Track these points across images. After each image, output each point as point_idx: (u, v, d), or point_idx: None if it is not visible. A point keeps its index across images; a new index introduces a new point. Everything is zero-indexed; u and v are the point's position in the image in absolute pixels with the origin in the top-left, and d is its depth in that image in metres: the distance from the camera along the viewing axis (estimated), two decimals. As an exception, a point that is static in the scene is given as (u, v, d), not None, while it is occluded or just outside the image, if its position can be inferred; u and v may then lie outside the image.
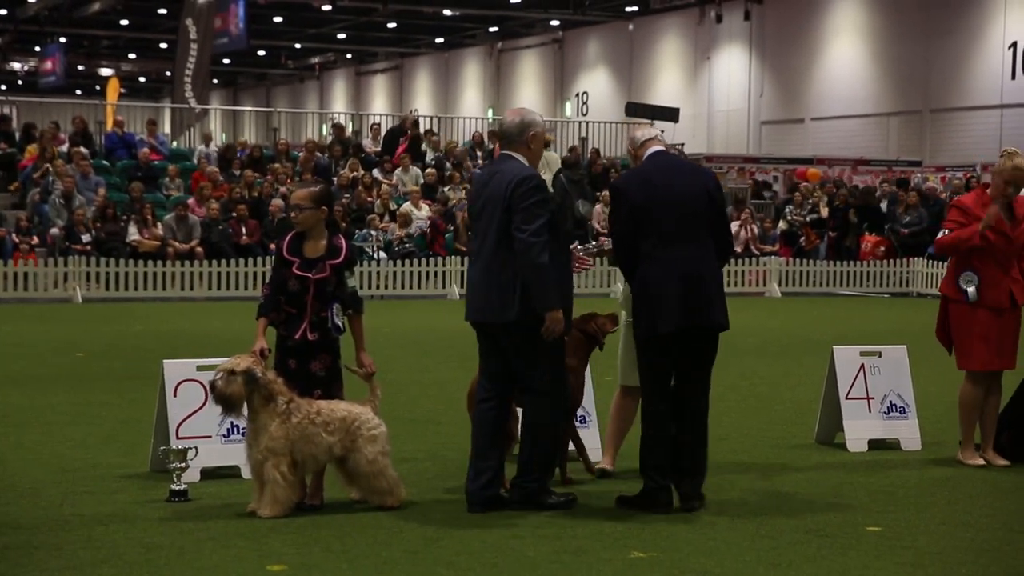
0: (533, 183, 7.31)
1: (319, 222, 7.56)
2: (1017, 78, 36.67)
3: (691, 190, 7.46)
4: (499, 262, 7.32)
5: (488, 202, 7.41)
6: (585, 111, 50.86)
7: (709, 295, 7.37)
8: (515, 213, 7.23)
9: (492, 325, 7.43)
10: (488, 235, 7.39)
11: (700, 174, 7.73)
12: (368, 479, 7.29)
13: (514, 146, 7.58)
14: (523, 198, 7.24)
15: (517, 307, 7.25)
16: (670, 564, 6.32)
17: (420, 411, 10.92)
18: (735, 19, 44.65)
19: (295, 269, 7.46)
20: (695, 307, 7.33)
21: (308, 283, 7.44)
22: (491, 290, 7.35)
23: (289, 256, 7.50)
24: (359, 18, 52.59)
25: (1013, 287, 8.83)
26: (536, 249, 7.16)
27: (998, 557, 6.55)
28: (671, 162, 7.70)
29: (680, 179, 7.52)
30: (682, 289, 7.31)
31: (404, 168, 28.16)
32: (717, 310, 7.40)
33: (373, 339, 12.18)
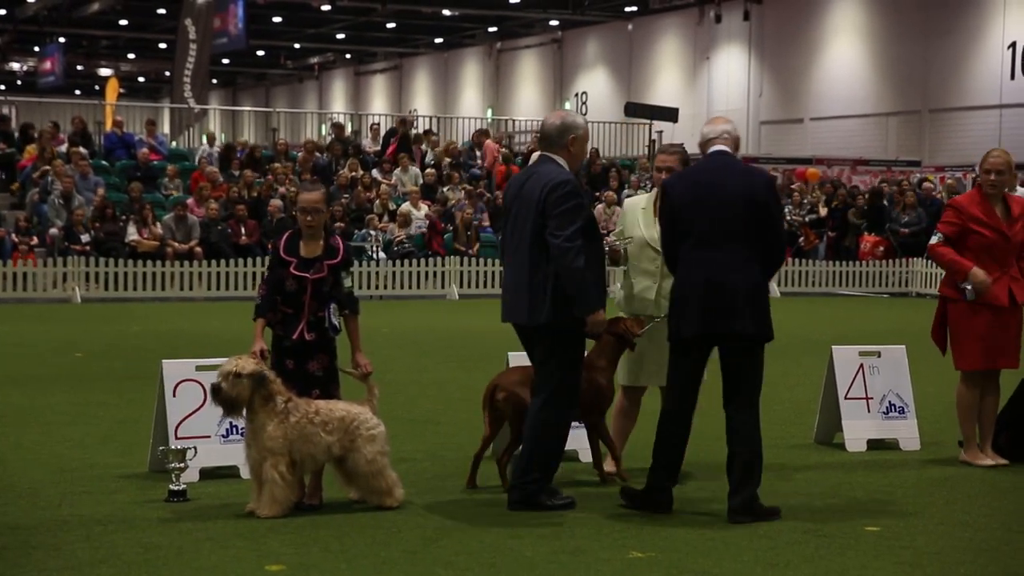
0: (568, 188, 7.30)
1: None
2: (1016, 78, 36.68)
3: (732, 193, 7.26)
4: (531, 264, 7.34)
5: (523, 204, 7.42)
6: (584, 111, 50.85)
7: (733, 302, 7.19)
8: (550, 218, 7.24)
9: (521, 326, 7.48)
10: (522, 237, 7.40)
11: (749, 177, 7.41)
12: (367, 479, 7.29)
13: (554, 148, 7.57)
14: (557, 203, 7.25)
15: (547, 310, 7.28)
16: (668, 564, 6.32)
17: (419, 411, 10.92)
18: (734, 19, 44.67)
19: (292, 269, 7.46)
20: (717, 313, 7.22)
21: (306, 283, 7.44)
22: (521, 291, 7.39)
23: (286, 256, 7.50)
24: (358, 18, 52.60)
25: (1013, 285, 8.83)
26: (572, 254, 7.17)
27: (996, 557, 6.55)
28: (723, 163, 7.45)
29: (724, 181, 7.32)
30: (705, 294, 7.23)
31: (403, 168, 28.16)
32: (743, 318, 7.19)
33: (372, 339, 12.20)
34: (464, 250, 25.42)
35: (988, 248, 8.77)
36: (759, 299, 7.29)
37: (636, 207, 8.42)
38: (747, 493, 7.23)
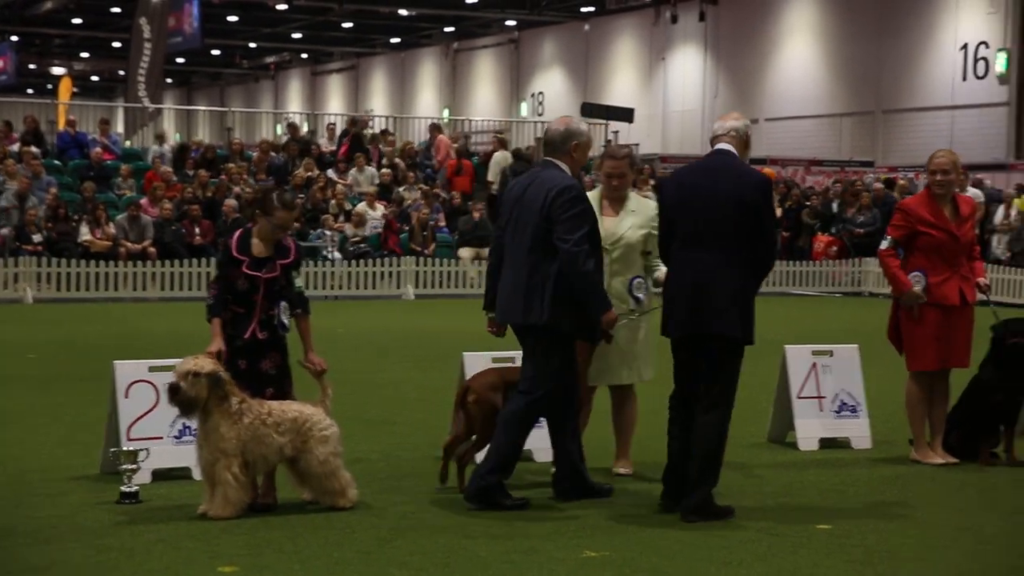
0: (574, 193, 7.41)
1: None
2: (968, 79, 37.01)
3: (722, 195, 7.26)
4: (530, 266, 7.43)
5: (526, 207, 7.50)
6: (541, 111, 50.90)
7: (714, 303, 7.22)
8: (557, 223, 7.33)
9: (516, 326, 7.57)
10: (524, 239, 7.49)
11: (740, 178, 7.35)
12: (320, 480, 7.28)
13: (557, 154, 7.66)
14: (565, 208, 7.34)
15: (545, 312, 7.37)
16: (622, 563, 6.34)
17: (373, 411, 10.90)
18: (690, 20, 44.83)
19: (245, 268, 7.44)
20: (700, 314, 7.27)
21: (258, 282, 7.43)
22: (518, 292, 7.48)
23: (238, 255, 7.47)
24: (314, 18, 52.43)
25: (963, 285, 8.91)
26: (581, 258, 7.29)
27: (946, 555, 6.61)
28: (719, 163, 7.45)
29: (715, 182, 7.32)
30: (690, 295, 7.29)
31: (359, 168, 28.09)
32: (722, 319, 7.22)
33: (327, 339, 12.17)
34: (420, 250, 25.39)
35: (937, 248, 8.84)
36: (743, 301, 7.29)
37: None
38: (701, 493, 7.24)
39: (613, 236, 8.18)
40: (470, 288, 24.90)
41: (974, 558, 6.54)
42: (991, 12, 36.37)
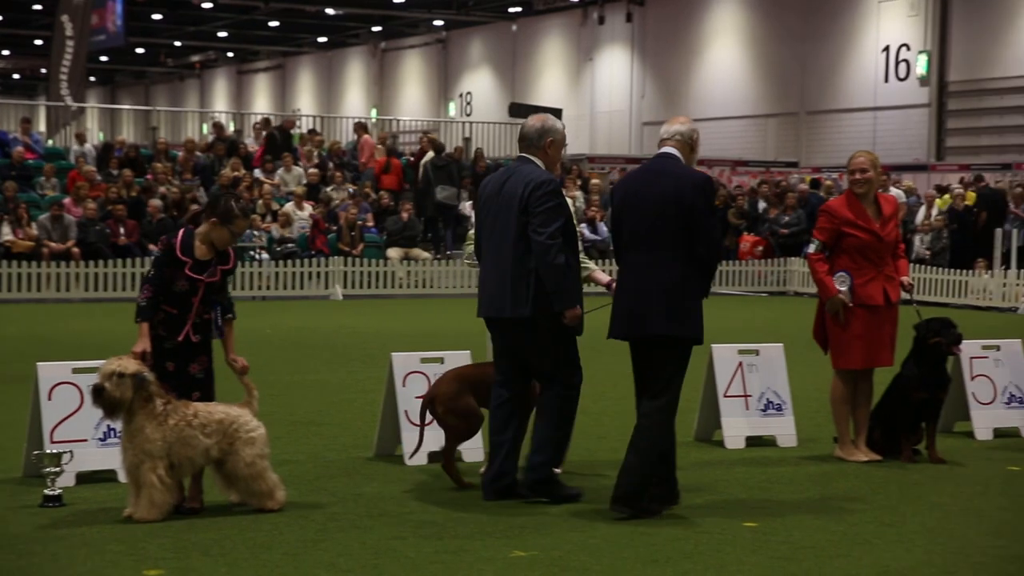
0: (551, 187, 7.55)
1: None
2: (890, 81, 37.51)
3: (661, 197, 7.38)
4: (513, 260, 7.56)
5: (504, 202, 7.64)
6: (469, 111, 50.92)
7: (650, 305, 7.33)
8: (532, 216, 7.49)
9: (504, 321, 7.63)
10: (504, 234, 7.62)
11: (679, 180, 7.45)
12: (247, 482, 7.23)
13: (532, 150, 7.81)
14: (540, 201, 7.49)
15: (530, 304, 7.49)
16: (549, 562, 6.36)
17: (301, 412, 10.84)
18: (617, 21, 45.05)
19: (188, 270, 7.37)
20: (635, 317, 7.39)
21: (199, 285, 7.38)
22: (503, 286, 7.59)
23: (183, 256, 7.41)
24: (240, 16, 52.07)
25: (887, 285, 9.03)
26: (554, 251, 7.41)
27: (870, 550, 6.69)
28: (660, 166, 7.58)
29: (655, 185, 7.46)
30: (629, 297, 7.43)
31: (287, 168, 27.94)
32: (657, 320, 7.31)
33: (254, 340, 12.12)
34: (348, 250, 25.30)
35: (862, 249, 8.95)
36: (680, 301, 7.35)
37: None
38: (630, 487, 7.28)
39: None
40: (399, 288, 24.87)
41: (897, 553, 6.63)
42: (912, 15, 36.89)
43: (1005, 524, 7.31)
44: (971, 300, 23.51)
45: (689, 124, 7.75)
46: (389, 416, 8.88)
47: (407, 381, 8.80)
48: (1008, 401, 10.18)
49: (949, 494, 8.07)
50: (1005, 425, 10.17)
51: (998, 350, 10.28)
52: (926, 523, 7.29)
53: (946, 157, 35.93)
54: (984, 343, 10.33)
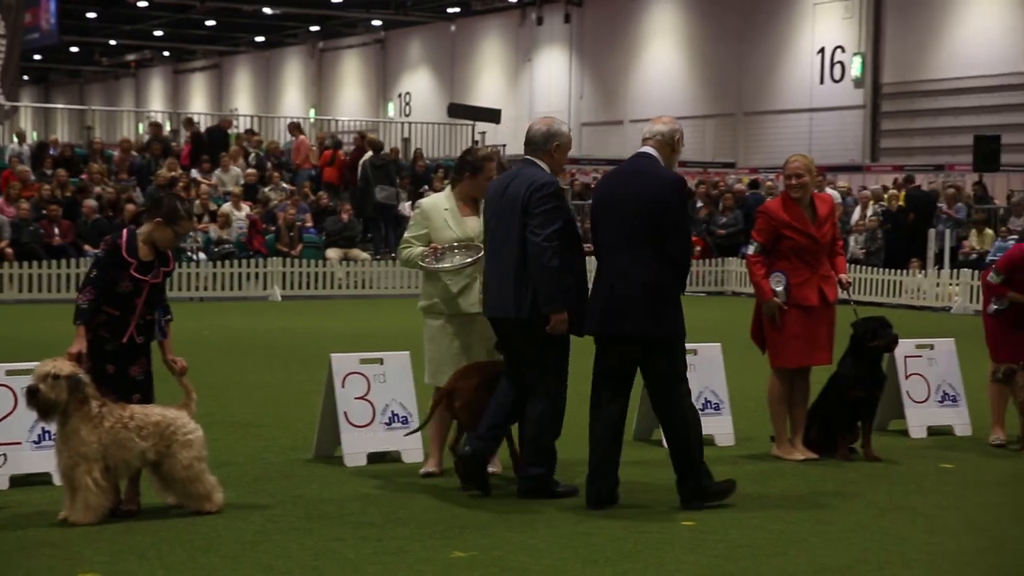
0: (550, 190, 7.61)
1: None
2: (825, 83, 37.87)
3: (634, 196, 7.51)
4: (516, 261, 7.63)
5: (508, 203, 7.71)
6: (408, 112, 50.84)
7: (625, 304, 7.45)
8: (531, 217, 7.56)
9: (504, 321, 7.74)
10: (508, 235, 7.69)
11: (653, 180, 7.57)
12: (184, 484, 7.18)
13: (538, 153, 7.87)
14: (539, 203, 7.56)
15: (528, 307, 7.57)
16: (489, 563, 6.37)
17: (239, 414, 10.78)
18: (555, 21, 45.17)
19: (133, 271, 7.31)
20: (609, 315, 7.51)
21: (143, 286, 7.32)
22: (506, 287, 7.67)
23: (128, 257, 7.34)
24: (176, 15, 51.69)
25: (823, 285, 9.11)
26: (548, 253, 7.48)
27: (807, 548, 6.75)
28: (636, 167, 7.70)
29: (631, 185, 7.59)
30: (605, 296, 7.53)
31: (224, 168, 27.75)
32: (634, 318, 7.43)
33: (192, 341, 12.02)
34: (287, 251, 25.17)
35: (798, 251, 9.04)
36: (655, 300, 7.47)
37: (439, 207, 8.43)
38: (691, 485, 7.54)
39: (480, 237, 8.26)
40: (338, 289, 24.78)
41: (834, 551, 6.69)
42: (846, 17, 37.28)
43: (939, 521, 7.40)
44: (905, 300, 23.77)
45: (672, 124, 7.86)
46: (328, 417, 8.85)
47: (346, 382, 8.77)
48: (941, 400, 10.31)
49: (884, 492, 8.16)
50: (938, 423, 10.29)
51: (932, 349, 10.41)
52: (861, 521, 7.37)
53: (880, 158, 36.35)
54: (918, 342, 10.45)
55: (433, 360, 8.37)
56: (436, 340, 8.33)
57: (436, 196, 8.75)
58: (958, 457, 9.37)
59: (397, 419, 8.85)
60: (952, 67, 34.91)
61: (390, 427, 8.81)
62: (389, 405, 8.84)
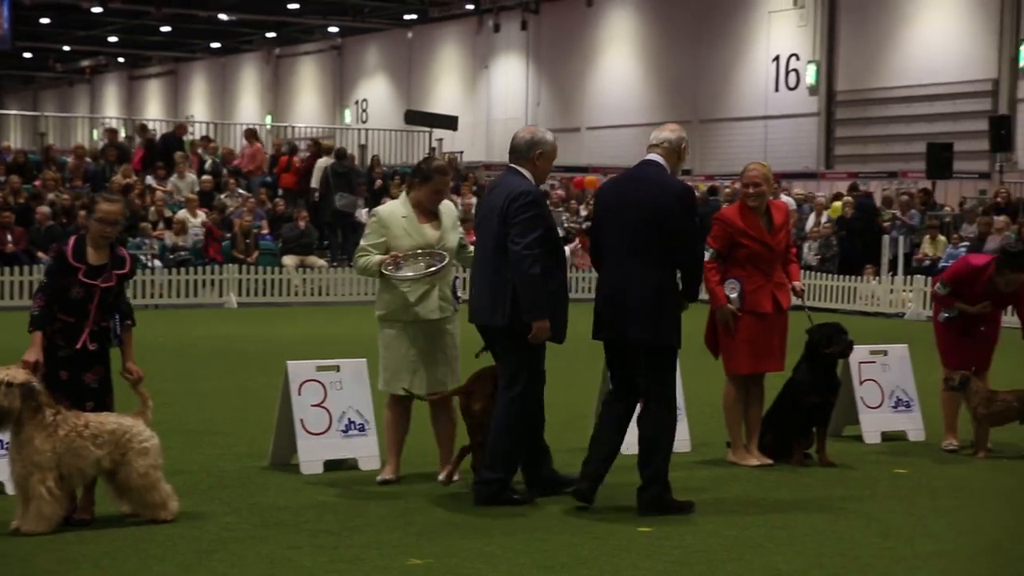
0: (529, 198, 7.66)
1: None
2: (780, 90, 38.10)
3: (639, 204, 7.59)
4: (493, 268, 7.72)
5: (488, 212, 7.82)
6: (365, 118, 50.75)
7: (628, 311, 7.54)
8: (511, 226, 7.61)
9: (486, 328, 7.83)
10: (485, 243, 7.81)
11: (659, 188, 7.66)
12: (139, 493, 7.14)
13: (521, 161, 7.91)
14: (518, 212, 7.61)
15: (507, 313, 7.64)
16: (446, 570, 6.37)
17: (195, 422, 10.73)
18: (512, 29, 45.24)
19: (81, 276, 7.26)
20: (610, 322, 7.63)
21: (94, 291, 7.26)
22: (485, 294, 7.78)
23: (75, 262, 7.29)
24: (131, 21, 51.37)
25: (776, 292, 9.17)
26: (528, 261, 7.54)
27: (762, 553, 6.79)
28: (642, 174, 7.79)
29: (636, 193, 7.66)
30: (610, 303, 7.64)
31: (179, 175, 27.60)
32: (636, 327, 7.53)
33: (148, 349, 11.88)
34: (243, 258, 25.06)
35: (753, 258, 9.09)
36: (656, 308, 7.56)
37: (396, 215, 8.41)
38: (652, 492, 7.59)
39: (440, 243, 8.28)
40: (294, 296, 24.69)
41: (788, 556, 6.73)
42: (801, 25, 37.54)
43: (892, 526, 7.46)
44: (859, 306, 23.94)
45: (678, 132, 7.98)
46: (284, 425, 8.82)
47: (302, 389, 8.75)
48: (895, 405, 10.39)
49: (839, 497, 8.21)
50: (892, 429, 10.37)
51: (885, 355, 10.49)
52: (816, 526, 7.42)
53: (835, 165, 36.60)
54: (872, 348, 10.53)
55: (389, 367, 8.36)
56: (392, 348, 8.32)
57: (392, 203, 8.72)
58: (912, 462, 9.44)
59: (354, 426, 8.83)
60: (905, 75, 35.22)
61: (347, 434, 8.80)
62: (346, 412, 8.82)
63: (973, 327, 9.83)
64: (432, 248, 8.26)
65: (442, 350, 8.30)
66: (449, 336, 8.34)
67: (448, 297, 8.31)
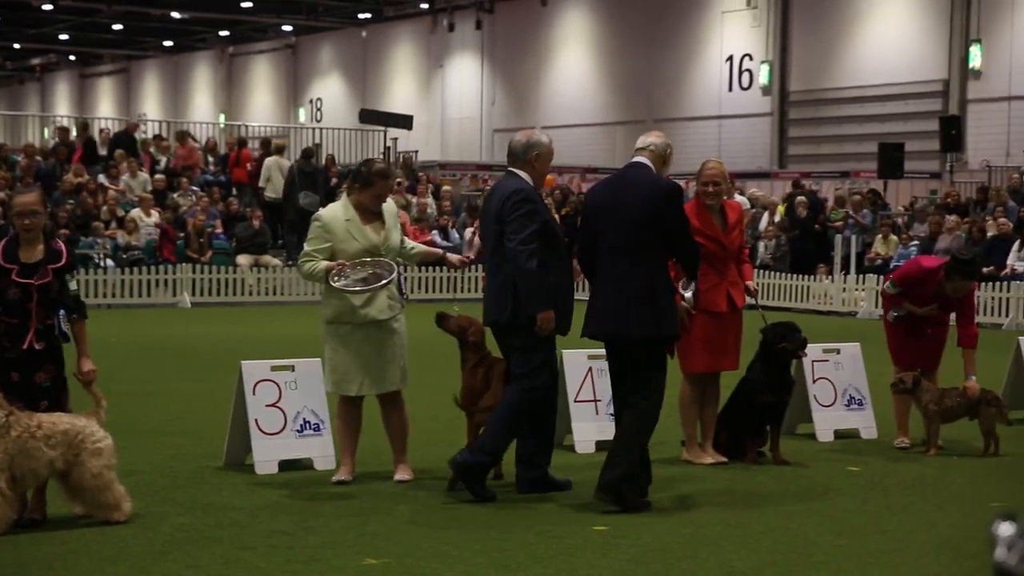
0: (522, 196, 7.90)
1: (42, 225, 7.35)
2: (734, 90, 38.28)
3: (630, 205, 7.77)
4: (493, 267, 8.02)
5: (489, 214, 8.08)
6: (319, 117, 50.57)
7: (629, 308, 7.72)
8: (506, 224, 7.86)
9: (494, 326, 8.06)
10: (488, 245, 8.09)
11: (647, 187, 7.87)
12: (92, 493, 7.08)
13: (518, 164, 8.15)
14: (512, 210, 7.86)
15: (511, 309, 7.86)
16: (402, 569, 6.36)
17: (149, 422, 10.67)
18: (467, 28, 45.20)
19: (15, 276, 7.17)
20: (614, 319, 7.77)
21: (31, 290, 7.18)
22: (491, 294, 8.04)
23: (6, 264, 7.21)
24: (82, 18, 50.94)
25: (731, 291, 9.22)
26: (524, 256, 7.76)
27: (716, 551, 6.82)
28: (630, 175, 7.98)
29: (624, 192, 7.86)
30: (606, 300, 7.80)
31: (132, 174, 27.41)
32: (639, 323, 7.70)
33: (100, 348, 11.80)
34: (196, 257, 24.93)
35: (708, 257, 9.11)
36: (657, 303, 7.74)
37: (339, 219, 8.34)
38: (615, 473, 7.61)
39: (385, 244, 8.26)
40: (248, 296, 24.58)
41: (742, 554, 6.76)
42: (754, 26, 37.74)
43: (845, 523, 7.51)
44: (812, 305, 24.10)
45: (664, 138, 8.29)
46: (239, 425, 8.79)
47: (257, 389, 8.72)
48: (848, 403, 10.47)
49: (792, 495, 8.27)
50: (845, 427, 10.45)
51: (838, 353, 10.56)
52: (770, 523, 7.46)
53: (788, 165, 36.81)
54: (825, 347, 10.60)
55: (337, 369, 8.33)
56: (341, 350, 8.28)
57: (334, 206, 8.52)
58: (864, 460, 9.52)
59: (309, 426, 8.81)
60: (857, 75, 35.47)
61: (301, 434, 8.77)
62: (301, 412, 8.80)
63: (921, 328, 9.91)
64: (378, 249, 8.23)
65: (391, 349, 8.29)
66: (397, 335, 8.33)
67: (395, 295, 8.30)
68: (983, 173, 31.10)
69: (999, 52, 32.88)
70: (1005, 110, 32.81)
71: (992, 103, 33.12)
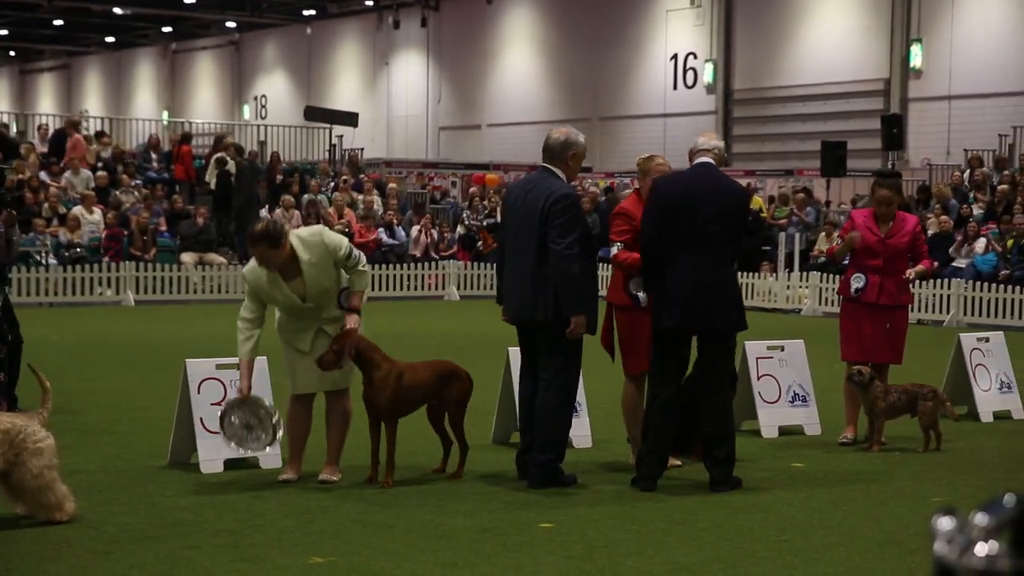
0: (570, 200, 8.14)
1: None
2: (679, 89, 38.46)
3: (711, 204, 8.09)
4: (534, 268, 8.10)
5: (527, 212, 8.13)
6: (264, 114, 50.32)
7: (713, 302, 8.10)
8: (551, 227, 7.99)
9: (526, 323, 8.24)
10: (527, 243, 8.13)
11: (731, 193, 8.34)
12: (34, 494, 7.01)
13: (555, 162, 8.33)
14: (560, 214, 8.01)
15: (550, 309, 8.03)
16: (348, 568, 6.34)
17: (91, 421, 10.57)
18: (412, 25, 45.13)
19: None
20: (696, 311, 8.06)
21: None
22: (527, 292, 8.14)
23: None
24: (22, 14, 50.40)
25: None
26: (568, 260, 7.97)
27: (662, 548, 6.85)
28: (705, 174, 8.28)
29: (707, 192, 8.13)
30: (690, 294, 8.06)
31: (74, 171, 27.16)
32: (723, 315, 8.15)
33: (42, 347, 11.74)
34: (140, 255, 24.74)
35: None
36: (735, 297, 8.37)
37: (261, 279, 8.08)
38: (726, 467, 8.21)
39: (308, 295, 8.11)
40: (193, 294, 24.42)
41: (688, 550, 6.80)
42: (698, 25, 37.94)
43: (789, 518, 7.57)
44: (757, 302, 24.26)
45: (720, 142, 8.72)
46: (183, 423, 8.74)
47: (202, 388, 8.67)
48: (792, 400, 10.54)
49: (737, 491, 8.31)
50: (789, 423, 10.53)
51: (783, 350, 10.64)
52: (715, 520, 7.50)
53: (732, 163, 37.04)
54: (769, 343, 10.67)
55: (289, 371, 8.40)
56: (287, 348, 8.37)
57: (252, 264, 8.21)
58: (808, 456, 9.59)
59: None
60: (800, 74, 35.75)
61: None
62: (246, 411, 8.73)
63: (879, 319, 9.95)
64: (301, 306, 8.08)
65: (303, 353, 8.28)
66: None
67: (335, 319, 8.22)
68: (924, 172, 31.44)
69: (939, 51, 33.25)
70: (945, 109, 33.19)
71: (933, 102, 33.50)
